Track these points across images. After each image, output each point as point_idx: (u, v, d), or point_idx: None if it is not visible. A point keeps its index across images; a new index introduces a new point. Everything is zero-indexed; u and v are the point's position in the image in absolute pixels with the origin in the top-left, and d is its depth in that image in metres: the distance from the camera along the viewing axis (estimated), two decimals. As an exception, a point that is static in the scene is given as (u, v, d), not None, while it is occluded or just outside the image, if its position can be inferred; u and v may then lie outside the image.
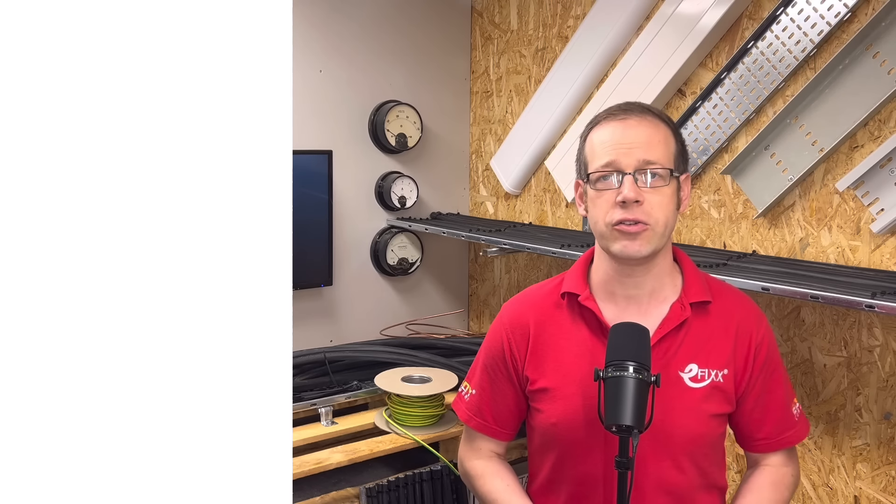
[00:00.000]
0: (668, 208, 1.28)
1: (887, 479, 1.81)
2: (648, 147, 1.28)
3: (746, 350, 1.35)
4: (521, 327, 1.42)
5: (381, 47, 2.71)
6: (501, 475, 1.45)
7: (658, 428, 1.28)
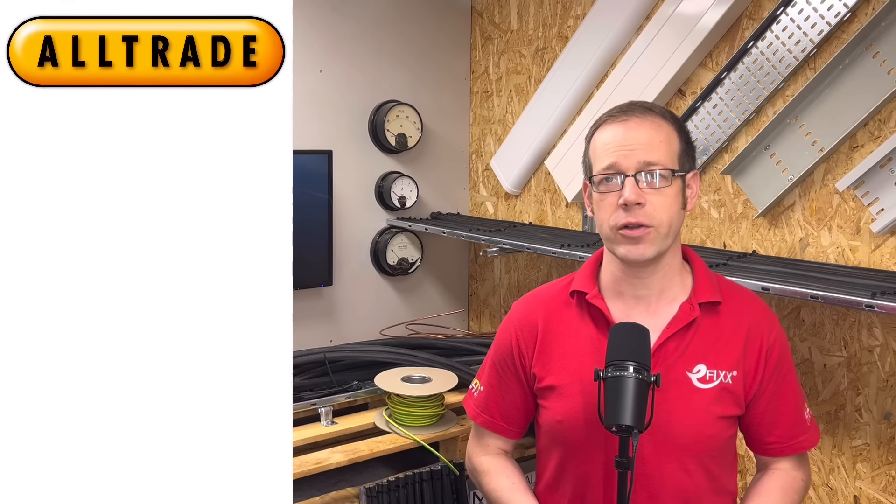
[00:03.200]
0: (671, 208, 1.28)
1: (887, 479, 1.81)
2: (649, 148, 1.27)
3: (758, 352, 1.34)
4: (530, 325, 1.42)
5: (381, 47, 2.72)
6: (508, 472, 1.45)
7: (665, 429, 1.27)
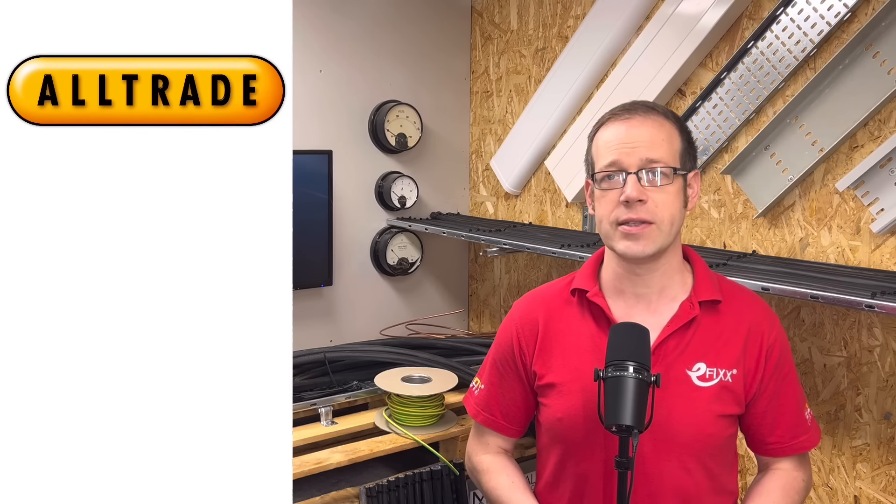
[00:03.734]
0: (672, 206, 1.28)
1: (887, 479, 1.81)
2: (651, 146, 1.28)
3: (758, 351, 1.34)
4: (531, 323, 1.43)
5: (381, 47, 2.71)
6: (508, 471, 1.45)
7: (664, 427, 1.27)
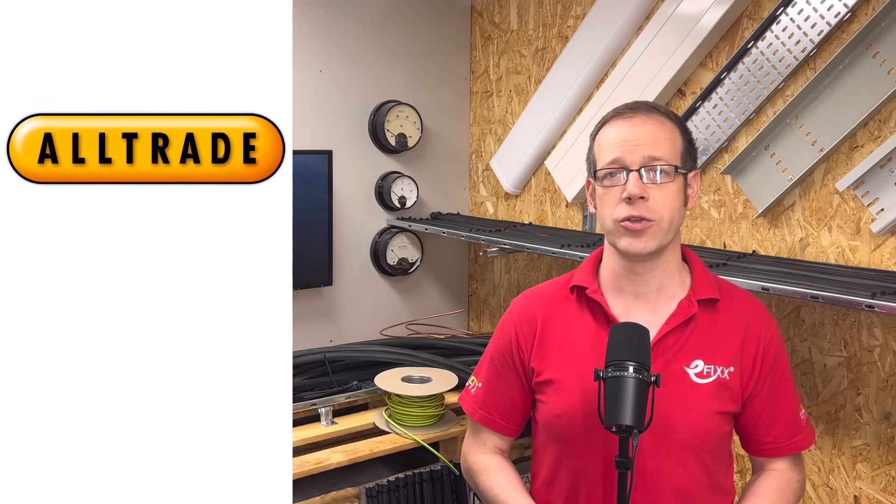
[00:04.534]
0: (673, 204, 1.29)
1: (887, 479, 1.81)
2: (654, 144, 1.29)
3: (755, 351, 1.35)
4: (529, 320, 1.43)
5: (381, 47, 2.72)
6: (504, 471, 1.45)
7: (663, 423, 1.27)
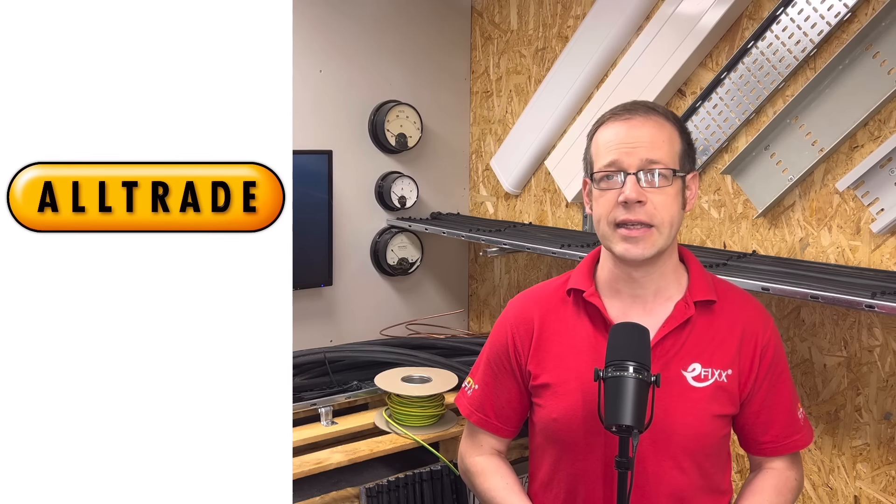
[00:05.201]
0: (671, 208, 1.28)
1: (887, 479, 1.81)
2: (652, 146, 1.27)
3: (752, 352, 1.34)
4: (526, 322, 1.42)
5: (381, 47, 2.71)
6: (501, 473, 1.44)
7: (660, 427, 1.27)
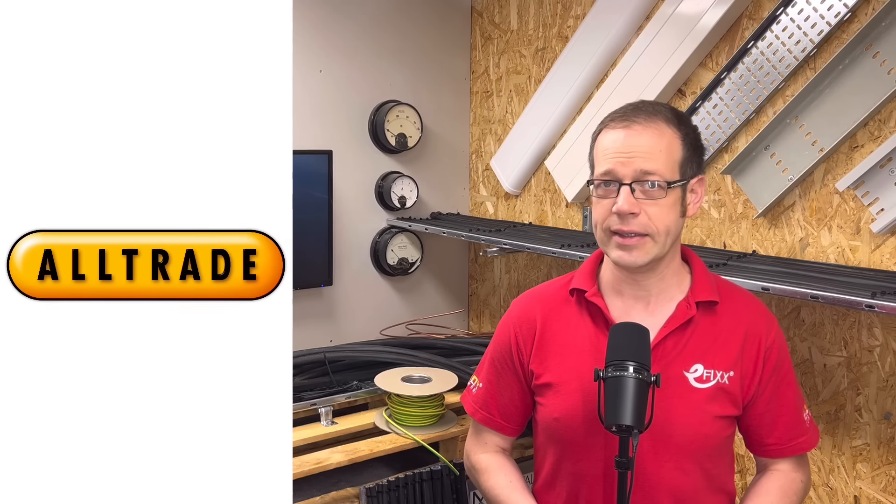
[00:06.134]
0: (667, 218, 1.27)
1: (887, 479, 1.81)
2: (648, 157, 1.25)
3: (756, 353, 1.33)
4: (529, 322, 1.42)
5: (381, 47, 2.72)
6: (506, 471, 1.45)
7: (661, 428, 1.27)
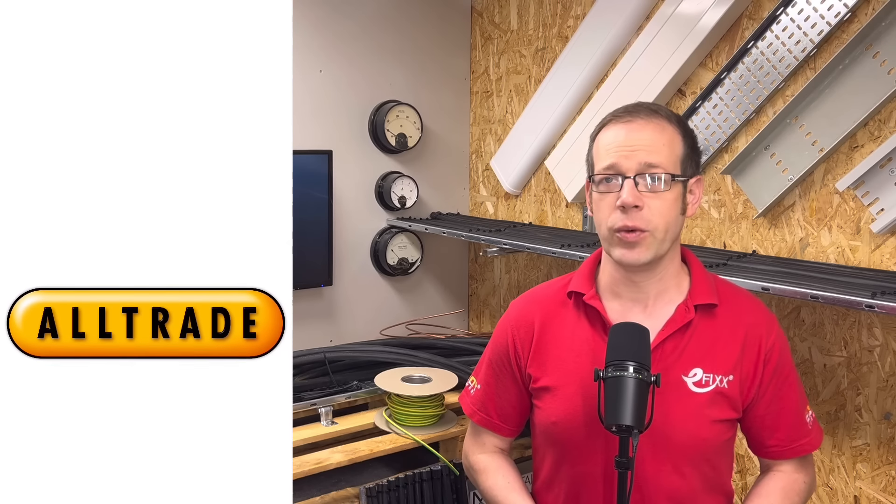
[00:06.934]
0: (669, 214, 1.27)
1: (887, 479, 1.81)
2: (651, 150, 1.26)
3: (756, 356, 1.33)
4: (526, 325, 1.42)
5: (381, 47, 2.71)
6: (504, 471, 1.45)
7: (659, 432, 1.27)
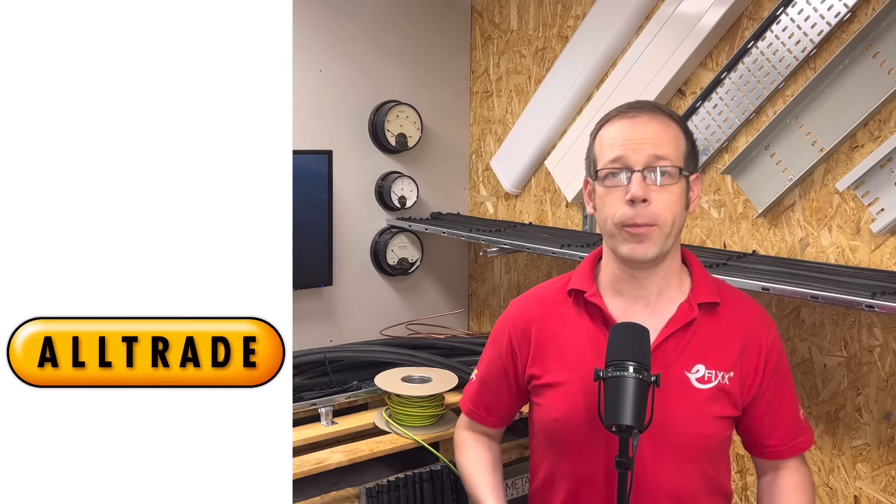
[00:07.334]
0: (676, 208, 1.27)
1: (887, 479, 1.81)
2: (658, 143, 1.26)
3: (756, 356, 1.34)
4: (525, 324, 1.43)
5: (381, 47, 2.71)
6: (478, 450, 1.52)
7: (661, 428, 1.27)
